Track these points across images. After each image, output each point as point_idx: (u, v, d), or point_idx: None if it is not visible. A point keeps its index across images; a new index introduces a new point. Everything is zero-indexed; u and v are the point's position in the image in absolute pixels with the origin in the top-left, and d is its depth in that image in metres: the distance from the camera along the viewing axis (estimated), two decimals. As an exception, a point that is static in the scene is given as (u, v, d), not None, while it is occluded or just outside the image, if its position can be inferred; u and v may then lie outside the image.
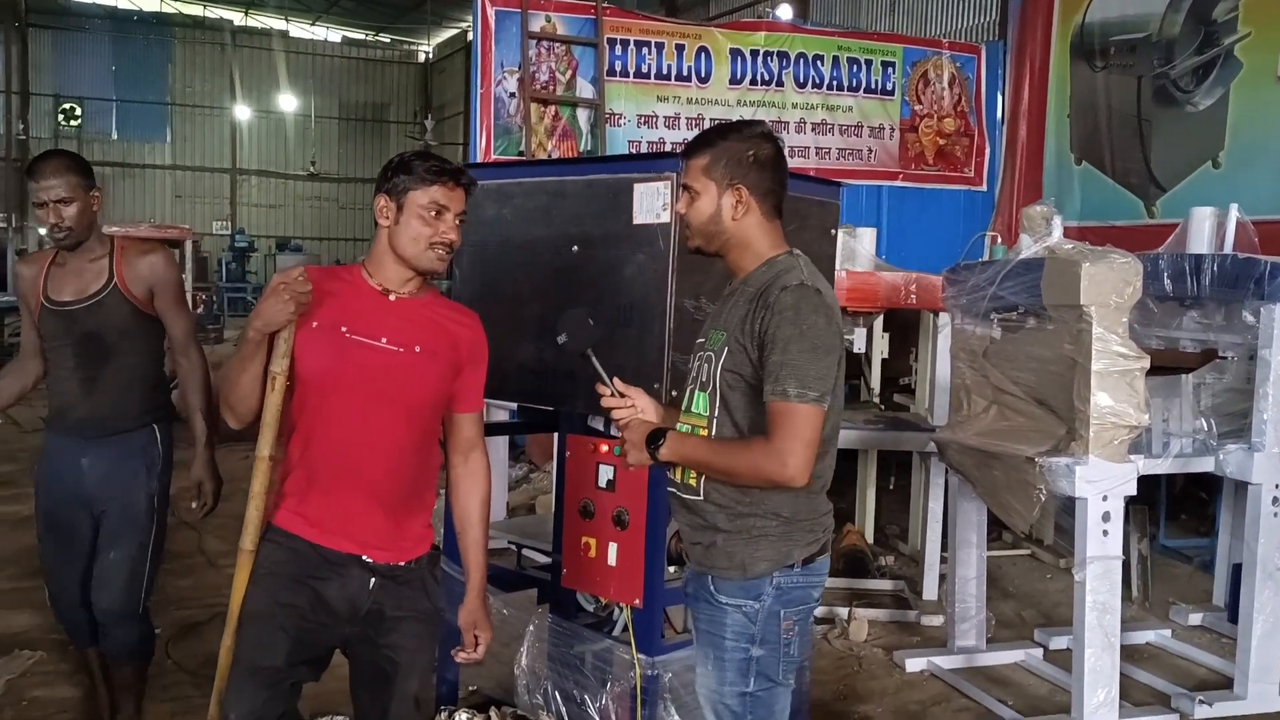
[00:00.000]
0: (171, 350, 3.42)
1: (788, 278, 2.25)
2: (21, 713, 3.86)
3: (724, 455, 2.26)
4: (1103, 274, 3.87)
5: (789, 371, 2.15)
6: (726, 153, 2.33)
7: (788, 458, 2.14)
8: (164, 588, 5.35)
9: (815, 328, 2.18)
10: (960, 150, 11.20)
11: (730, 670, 2.33)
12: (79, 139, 26.69)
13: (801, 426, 2.15)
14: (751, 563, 2.29)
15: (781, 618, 2.32)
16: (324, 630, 2.46)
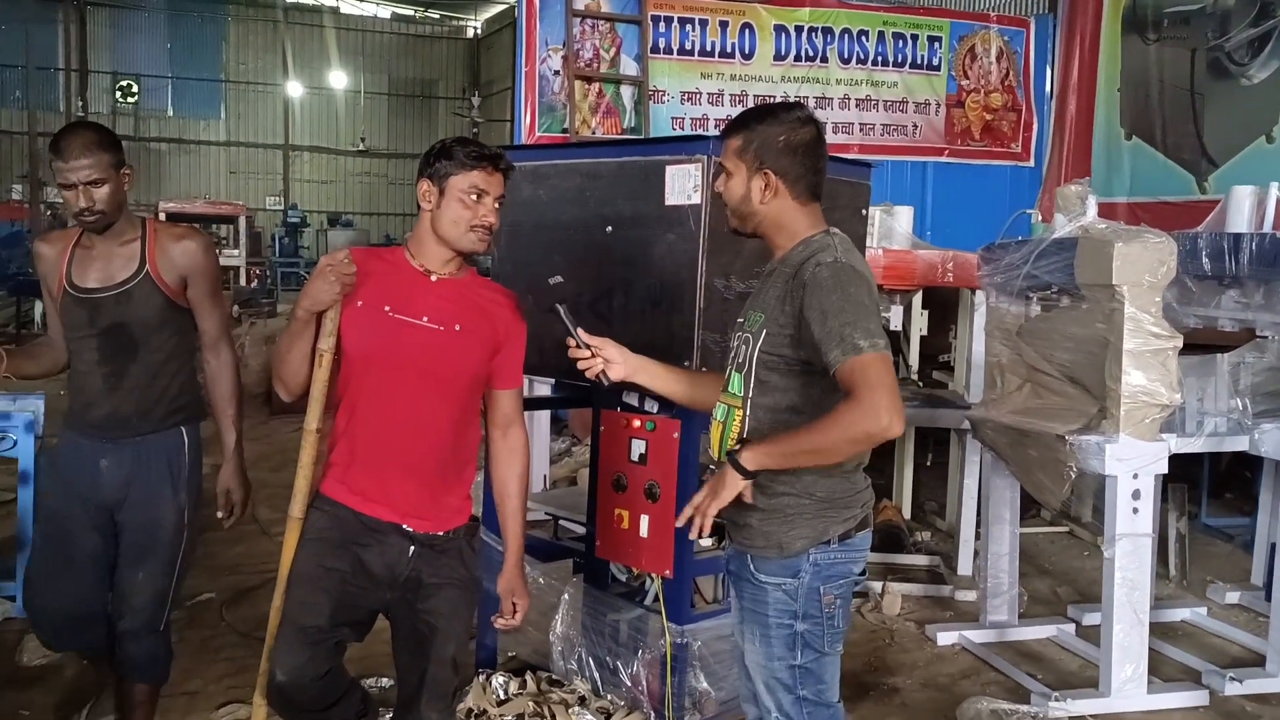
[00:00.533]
0: (201, 346, 3.15)
1: (822, 255, 2.28)
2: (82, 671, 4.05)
3: (810, 436, 2.20)
4: (1136, 253, 3.89)
5: (850, 329, 2.15)
6: (759, 136, 2.36)
7: (881, 409, 2.10)
8: (218, 555, 5.57)
9: (859, 290, 2.22)
10: (1007, 126, 11.10)
11: (777, 645, 2.39)
12: (135, 115, 27.16)
13: (881, 374, 2.13)
14: (789, 541, 2.34)
15: (822, 593, 2.35)
16: (365, 594, 2.59)
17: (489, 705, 3.31)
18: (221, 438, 3.16)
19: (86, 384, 3.01)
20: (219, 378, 3.14)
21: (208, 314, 3.09)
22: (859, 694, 4.14)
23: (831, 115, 10.48)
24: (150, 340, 2.99)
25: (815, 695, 2.40)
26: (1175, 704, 4.05)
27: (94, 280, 2.96)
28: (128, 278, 2.95)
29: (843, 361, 2.15)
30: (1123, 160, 10.35)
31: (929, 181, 10.93)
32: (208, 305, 3.08)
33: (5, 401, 4.76)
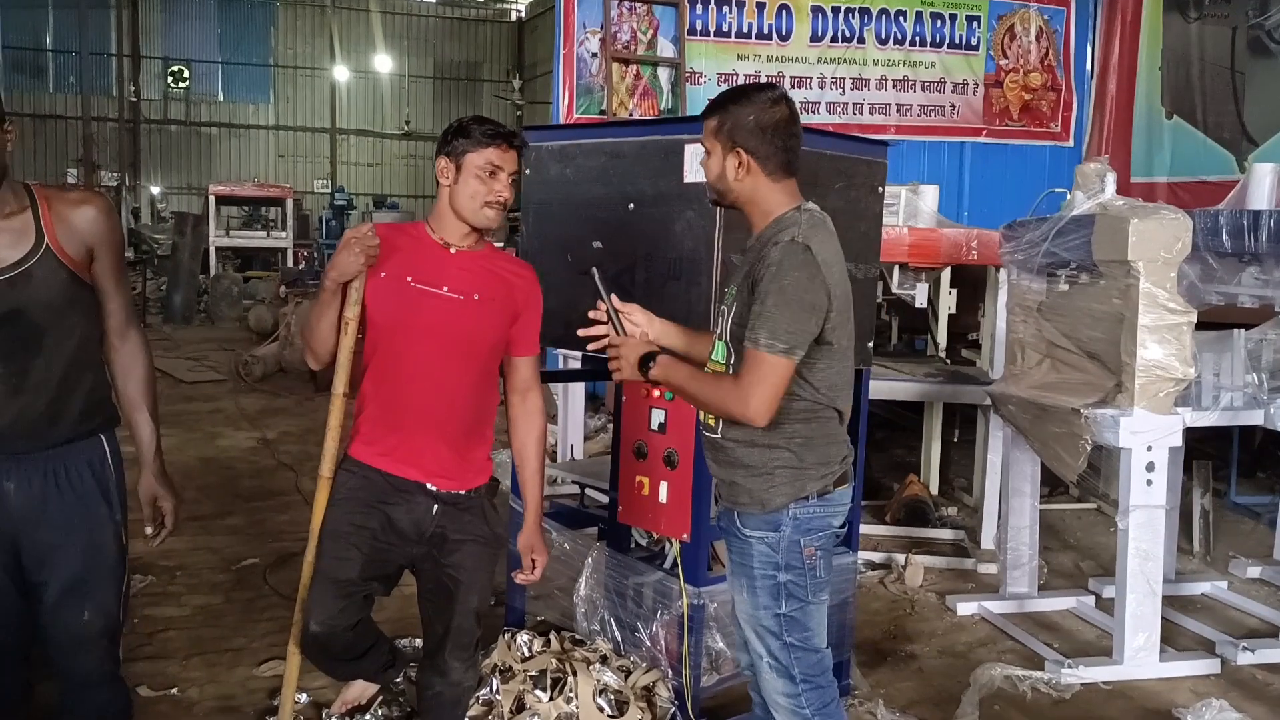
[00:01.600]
0: (105, 331, 2.60)
1: (782, 234, 2.43)
2: (134, 628, 4.27)
3: (700, 385, 2.47)
4: (1151, 230, 3.95)
5: (762, 322, 2.34)
6: (732, 117, 2.49)
7: (749, 399, 2.35)
8: (264, 523, 5.79)
9: (796, 283, 2.35)
10: (1046, 105, 11.04)
11: (763, 595, 2.55)
12: (187, 100, 27.63)
13: (766, 374, 2.34)
14: (769, 498, 2.50)
15: (802, 545, 2.52)
16: (393, 549, 2.76)
17: (514, 661, 3.47)
18: (136, 437, 2.64)
19: None
20: (131, 366, 2.62)
21: (114, 291, 2.56)
22: (876, 660, 4.26)
23: (869, 96, 10.50)
24: (57, 328, 2.45)
25: (801, 641, 2.56)
26: (1186, 672, 4.13)
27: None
28: (23, 256, 2.38)
29: (747, 345, 2.37)
30: (1163, 139, 10.28)
31: (967, 162, 10.92)
32: (113, 281, 2.55)
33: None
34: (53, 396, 2.47)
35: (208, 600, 4.65)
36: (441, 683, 2.87)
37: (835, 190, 3.58)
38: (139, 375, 2.64)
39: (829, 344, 2.44)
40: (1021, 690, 3.94)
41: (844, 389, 2.55)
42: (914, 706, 3.82)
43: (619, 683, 3.40)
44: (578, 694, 3.30)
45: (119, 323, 2.60)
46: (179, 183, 27.06)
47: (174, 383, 10.30)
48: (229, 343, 13.04)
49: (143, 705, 3.60)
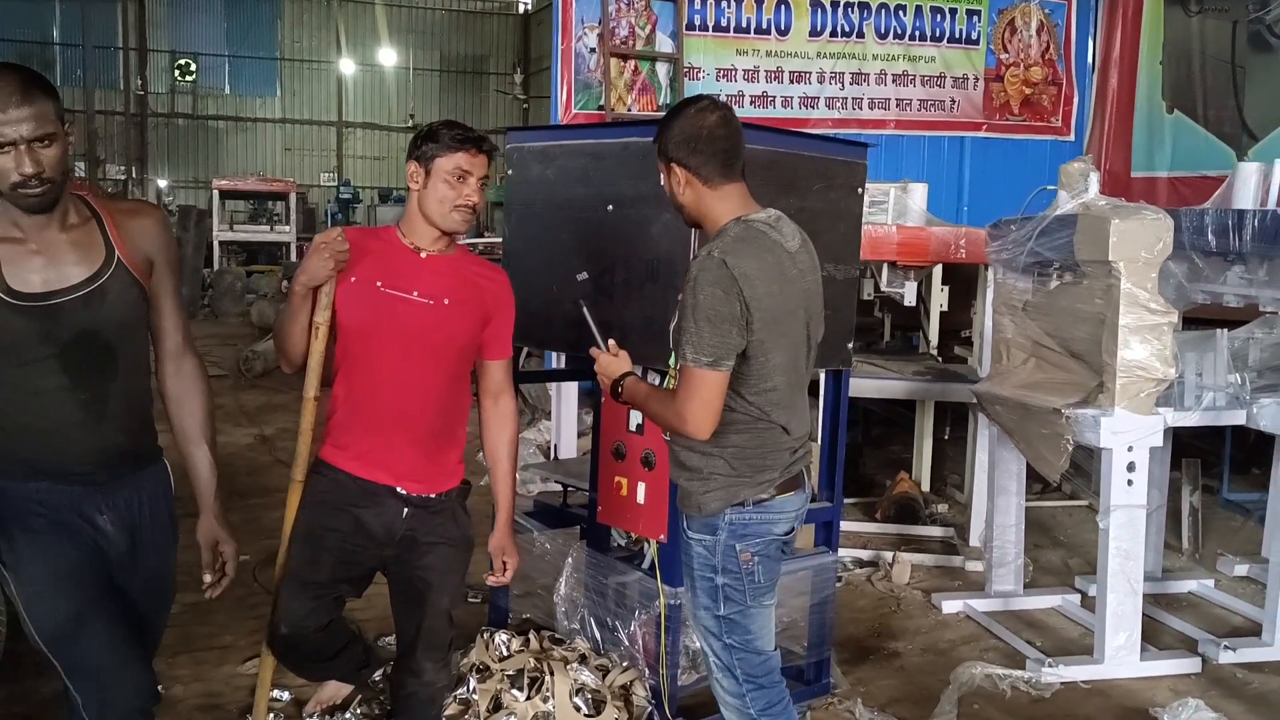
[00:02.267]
0: (160, 355, 2.45)
1: (703, 250, 2.49)
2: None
3: (651, 404, 2.58)
4: (1132, 230, 3.96)
5: (685, 338, 2.41)
6: (664, 136, 2.56)
7: (685, 415, 2.43)
8: (258, 519, 5.83)
9: (710, 298, 2.39)
10: (1047, 100, 11.01)
11: (702, 595, 2.63)
12: (194, 94, 27.70)
13: (697, 388, 2.40)
14: (705, 502, 2.57)
15: (739, 550, 2.57)
16: (363, 552, 2.79)
17: (491, 660, 3.50)
18: (194, 475, 2.49)
19: (52, 417, 2.25)
20: (188, 395, 2.47)
21: (171, 309, 2.41)
22: (859, 657, 4.28)
23: (868, 91, 10.48)
24: (129, 348, 2.33)
25: (742, 644, 2.61)
26: (1167, 671, 4.14)
27: (40, 282, 2.21)
28: (96, 272, 2.25)
29: (679, 364, 2.45)
30: (1164, 134, 10.26)
31: (967, 157, 10.89)
32: (172, 298, 2.41)
33: None
34: (132, 422, 2.35)
35: (197, 597, 4.62)
36: (415, 683, 2.89)
37: (814, 192, 3.59)
38: (198, 406, 2.48)
39: (756, 358, 2.47)
40: (1001, 689, 3.96)
41: (783, 402, 2.56)
42: (893, 705, 3.84)
43: (596, 682, 3.43)
44: (554, 693, 3.33)
45: (175, 345, 2.43)
46: (186, 176, 27.14)
47: (175, 378, 10.35)
48: (232, 338, 13.10)
49: (127, 702, 3.63)
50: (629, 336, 3.48)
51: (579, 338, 3.71)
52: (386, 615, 4.16)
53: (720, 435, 2.49)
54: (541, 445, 7.15)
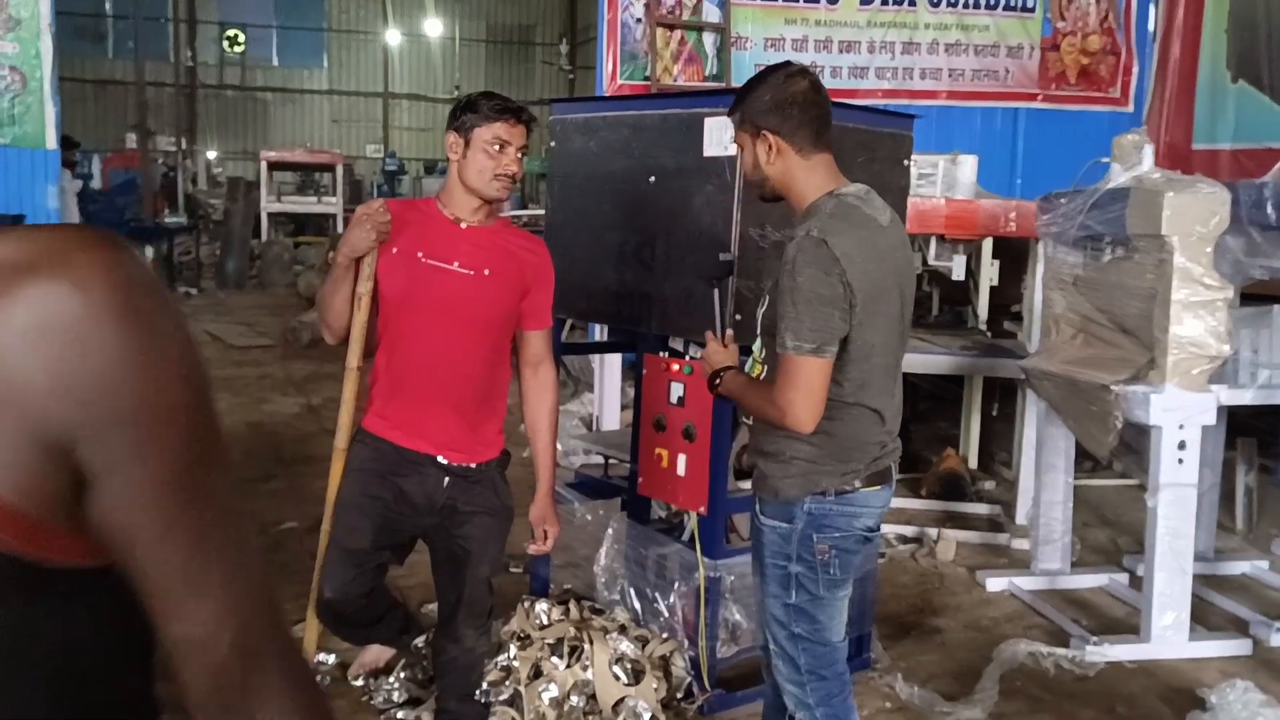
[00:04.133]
0: None
1: (801, 229, 2.38)
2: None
3: (750, 396, 2.50)
4: (1186, 203, 3.87)
5: (785, 325, 2.31)
6: (749, 104, 2.46)
7: (787, 408, 2.32)
8: (304, 487, 5.90)
9: (810, 281, 2.28)
10: (1105, 69, 10.77)
11: (773, 583, 2.52)
12: (242, 65, 27.95)
13: (797, 377, 2.30)
14: (783, 488, 2.46)
15: (815, 541, 2.44)
16: (405, 520, 2.81)
17: (531, 629, 3.52)
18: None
19: None
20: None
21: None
22: (900, 632, 4.26)
23: (919, 61, 10.32)
24: None
25: (809, 633, 2.50)
26: (1216, 652, 4.08)
27: None
28: None
29: (778, 351, 2.35)
30: (1227, 105, 9.99)
31: (1020, 128, 10.70)
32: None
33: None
34: None
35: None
36: (455, 649, 2.92)
37: (859, 164, 3.53)
38: None
39: (855, 340, 2.36)
40: (1044, 666, 3.92)
41: (876, 387, 2.45)
42: (934, 680, 3.82)
43: (635, 652, 3.44)
44: (594, 662, 3.34)
45: None
46: (235, 148, 27.42)
47: (225, 347, 10.51)
48: (279, 308, 13.25)
49: (177, 664, 3.71)
50: (668, 309, 3.50)
51: (619, 309, 3.73)
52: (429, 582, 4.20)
53: None
54: (584, 417, 7.17)
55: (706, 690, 3.44)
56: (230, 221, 16.14)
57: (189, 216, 17.42)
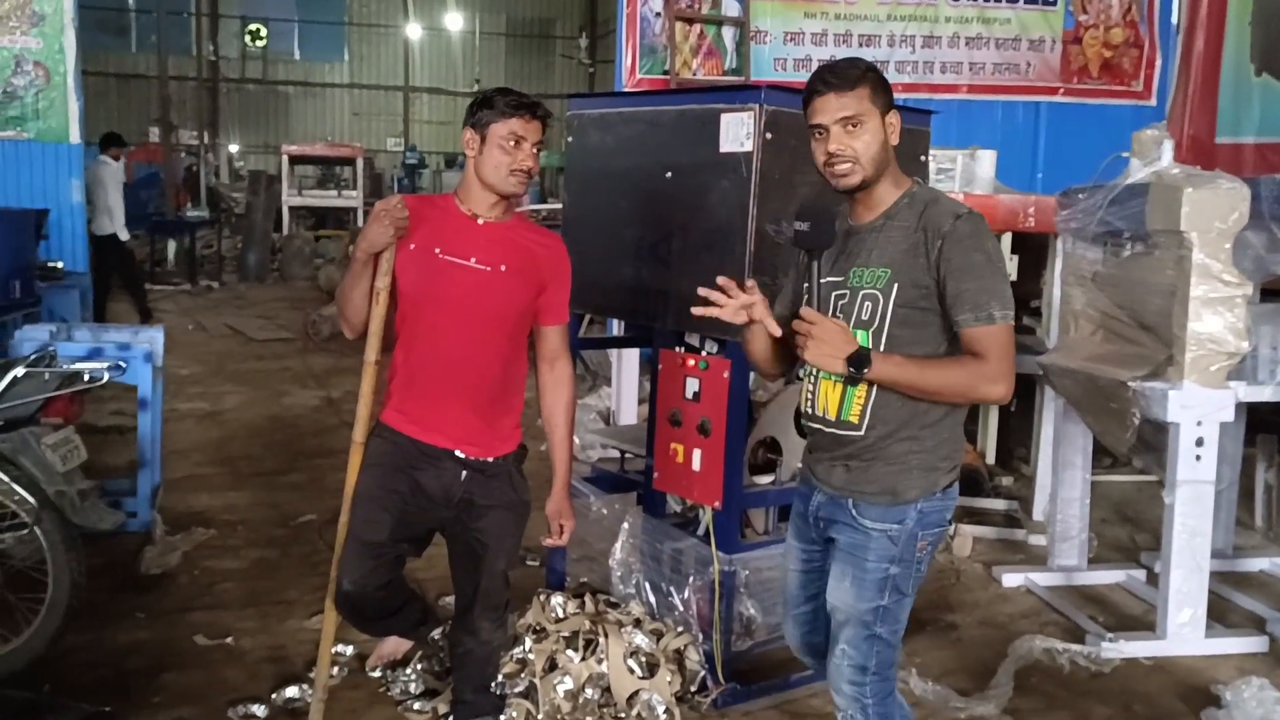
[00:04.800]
0: None
1: (951, 206, 2.34)
2: (194, 579, 4.45)
3: (934, 375, 2.28)
4: (1206, 199, 3.85)
5: (989, 296, 2.23)
6: (877, 82, 2.36)
7: (1001, 379, 2.23)
8: (323, 479, 5.95)
9: (998, 251, 2.30)
10: (1128, 62, 10.70)
11: (870, 588, 2.41)
12: (264, 59, 28.08)
13: (1009, 346, 2.25)
14: (903, 489, 2.37)
15: (919, 539, 2.41)
16: (423, 513, 2.84)
17: (546, 622, 3.54)
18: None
19: None
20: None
21: None
22: (915, 629, 4.22)
23: (940, 55, 10.28)
24: None
25: (889, 635, 2.45)
26: (1232, 649, 4.06)
27: None
28: None
29: (974, 326, 2.23)
30: (1252, 98, 9.89)
31: (1042, 122, 10.64)
32: None
33: (127, 333, 5.18)
34: None
35: (264, 554, 4.81)
36: (472, 641, 2.95)
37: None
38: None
39: None
40: (1059, 663, 3.92)
41: None
42: (948, 676, 3.82)
43: (650, 645, 3.46)
44: (608, 655, 3.36)
45: None
46: (256, 141, 27.57)
47: (245, 340, 10.59)
48: (300, 302, 13.32)
49: (197, 653, 3.76)
50: (684, 305, 3.49)
51: (635, 305, 3.74)
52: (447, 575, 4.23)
53: (926, 414, 2.35)
54: (602, 411, 7.19)
55: (721, 684, 3.45)
56: (251, 215, 16.24)
57: (211, 210, 17.53)
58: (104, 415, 6.99)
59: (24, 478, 3.33)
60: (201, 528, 5.01)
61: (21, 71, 9.74)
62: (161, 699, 3.41)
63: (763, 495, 3.64)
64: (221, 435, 6.95)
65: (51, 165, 9.87)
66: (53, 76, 9.82)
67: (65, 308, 8.59)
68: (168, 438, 6.41)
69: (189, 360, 9.33)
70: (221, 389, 8.32)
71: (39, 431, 3.41)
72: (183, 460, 6.26)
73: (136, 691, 3.46)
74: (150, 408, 4.95)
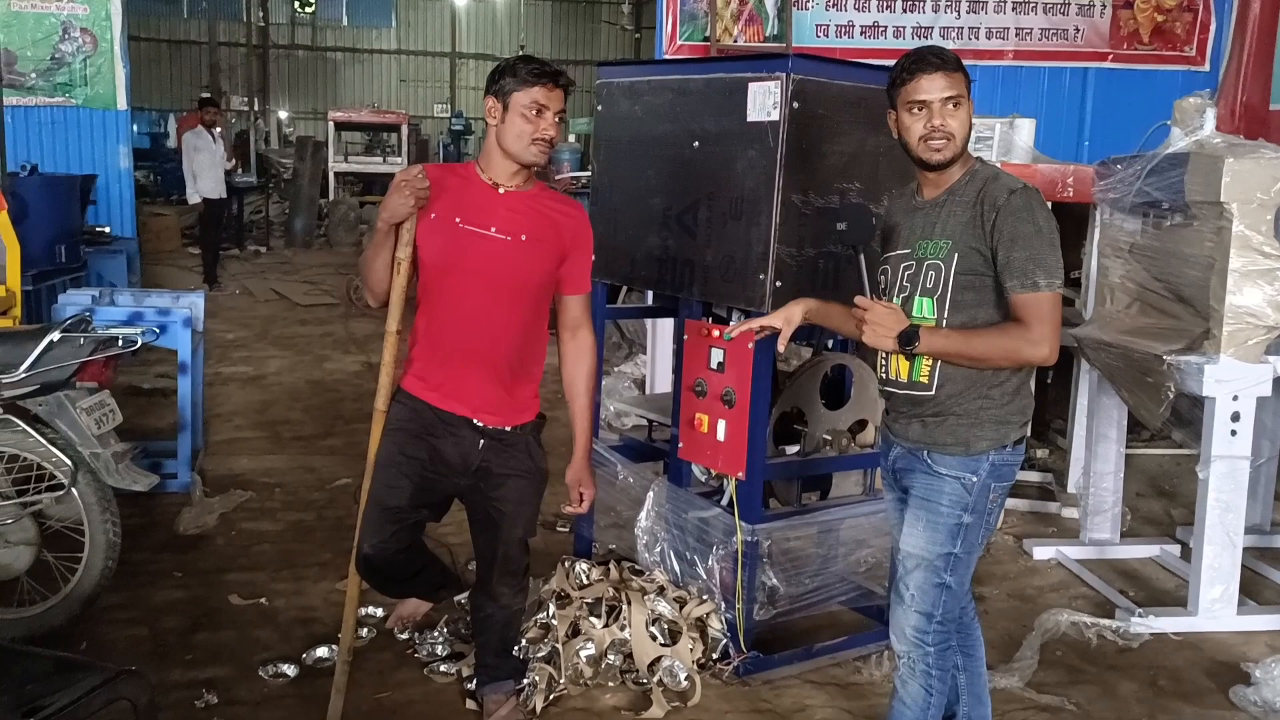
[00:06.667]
0: None
1: (1008, 181, 2.50)
2: (230, 541, 4.54)
3: (981, 344, 2.48)
4: (1247, 170, 3.77)
5: (1035, 264, 2.40)
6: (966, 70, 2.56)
7: (1043, 343, 2.41)
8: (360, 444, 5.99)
9: (1049, 223, 2.44)
10: (1181, 27, 10.46)
11: (942, 533, 2.59)
12: (313, 25, 28.19)
13: (1053, 312, 2.41)
14: (975, 440, 2.55)
15: (991, 490, 2.58)
16: (442, 480, 2.88)
17: (570, 589, 3.58)
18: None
19: None
20: None
21: None
22: (942, 600, 4.24)
23: (985, 20, 10.12)
24: None
25: (957, 585, 2.62)
26: (1265, 626, 4.02)
27: None
28: None
29: (1021, 293, 2.41)
30: (1309, 64, 9.62)
31: (1090, 89, 10.46)
32: None
33: (167, 298, 5.27)
34: None
35: (301, 517, 4.90)
36: (492, 606, 3.00)
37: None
38: None
39: None
40: (1086, 637, 3.90)
41: None
42: (973, 649, 3.81)
43: (673, 613, 3.49)
44: (631, 622, 3.40)
45: None
46: (305, 108, 27.74)
47: (290, 305, 10.72)
48: (345, 267, 13.43)
49: (231, 613, 3.85)
50: (710, 275, 3.50)
51: (662, 274, 3.74)
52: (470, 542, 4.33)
53: (994, 374, 2.53)
54: (638, 379, 7.21)
55: (742, 652, 3.47)
56: (298, 181, 16.36)
57: (259, 176, 17.69)
58: (149, 377, 7.14)
59: (60, 440, 3.42)
60: (240, 490, 5.11)
61: (69, 38, 9.89)
62: (195, 657, 3.50)
63: (785, 466, 3.64)
64: (263, 399, 7.06)
65: (100, 131, 10.03)
66: (100, 43, 9.95)
67: (112, 272, 8.76)
68: (211, 401, 6.55)
69: (235, 325, 9.48)
70: (265, 353, 8.45)
71: (74, 395, 3.48)
72: (225, 424, 6.37)
73: (171, 649, 3.55)
74: (190, 372, 5.04)
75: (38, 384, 3.36)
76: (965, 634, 2.85)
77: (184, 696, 3.23)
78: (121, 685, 2.37)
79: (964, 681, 2.86)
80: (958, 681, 2.85)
